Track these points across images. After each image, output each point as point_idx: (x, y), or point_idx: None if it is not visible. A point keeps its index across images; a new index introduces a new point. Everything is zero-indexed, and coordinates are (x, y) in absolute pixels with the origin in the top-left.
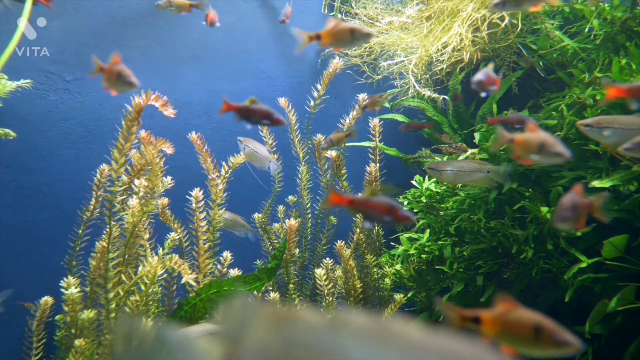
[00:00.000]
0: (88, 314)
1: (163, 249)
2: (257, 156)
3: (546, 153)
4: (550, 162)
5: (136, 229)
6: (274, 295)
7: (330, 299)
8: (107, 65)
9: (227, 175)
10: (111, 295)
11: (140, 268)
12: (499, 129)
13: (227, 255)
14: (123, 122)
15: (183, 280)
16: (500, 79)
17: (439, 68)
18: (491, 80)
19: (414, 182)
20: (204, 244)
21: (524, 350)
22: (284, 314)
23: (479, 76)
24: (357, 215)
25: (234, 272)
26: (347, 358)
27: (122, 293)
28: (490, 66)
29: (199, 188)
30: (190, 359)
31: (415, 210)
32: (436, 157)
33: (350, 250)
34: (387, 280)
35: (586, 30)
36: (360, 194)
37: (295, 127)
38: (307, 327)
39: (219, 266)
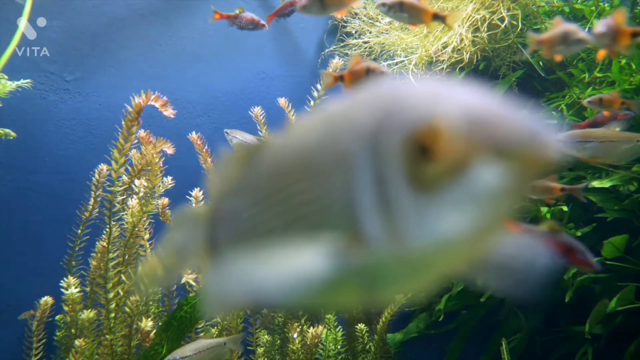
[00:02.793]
0: (88, 314)
1: None
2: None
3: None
4: None
5: (136, 229)
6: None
7: None
8: (346, 71)
9: None
10: (111, 295)
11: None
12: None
13: None
14: (123, 122)
15: (183, 280)
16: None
17: (439, 68)
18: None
19: None
20: None
21: None
22: (243, 151)
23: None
24: None
25: None
26: (290, 149)
27: (122, 293)
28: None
29: (199, 188)
30: (189, 226)
31: None
32: None
33: None
34: None
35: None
36: None
37: None
38: (264, 146)
39: None
